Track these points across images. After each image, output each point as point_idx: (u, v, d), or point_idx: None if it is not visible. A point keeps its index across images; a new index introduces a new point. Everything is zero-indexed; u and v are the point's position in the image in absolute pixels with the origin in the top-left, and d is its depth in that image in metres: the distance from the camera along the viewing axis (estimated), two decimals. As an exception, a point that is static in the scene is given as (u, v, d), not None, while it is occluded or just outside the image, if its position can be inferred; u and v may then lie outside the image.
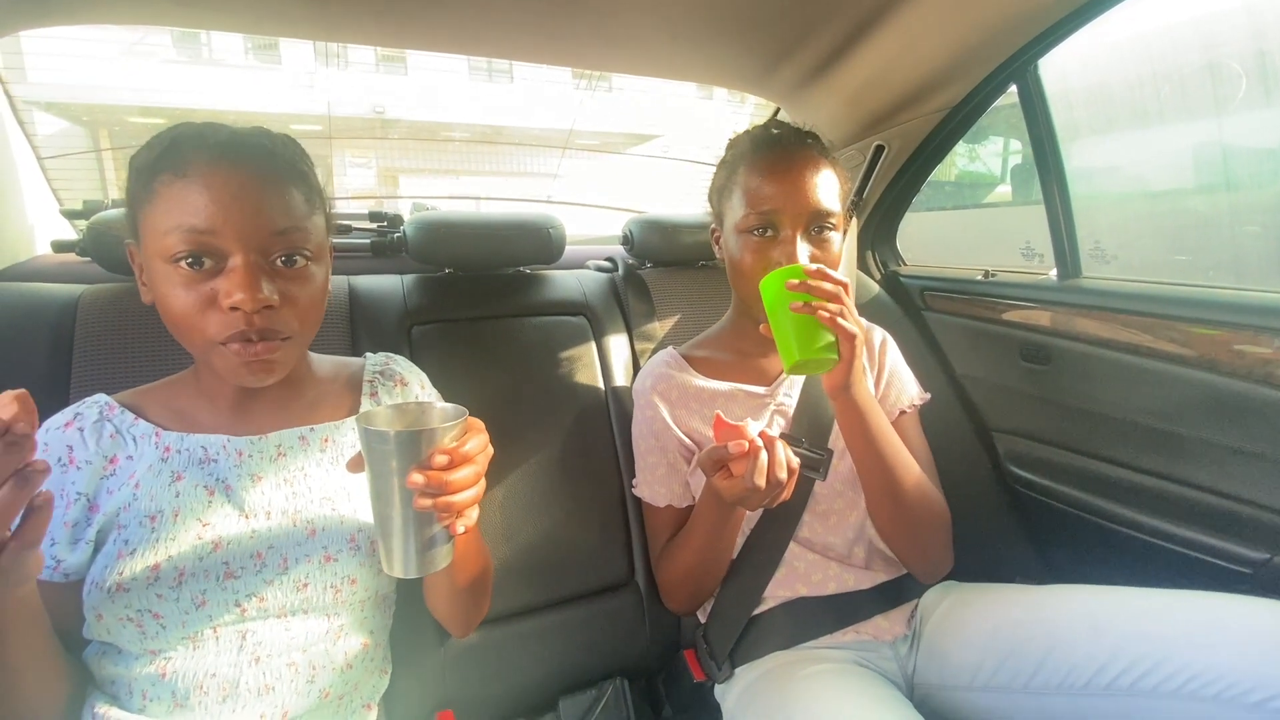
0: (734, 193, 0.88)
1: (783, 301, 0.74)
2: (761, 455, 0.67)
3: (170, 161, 0.58)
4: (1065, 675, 0.74)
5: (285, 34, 1.13)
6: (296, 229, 0.60)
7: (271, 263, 0.60)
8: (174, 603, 0.59)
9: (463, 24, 1.07)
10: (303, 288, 0.62)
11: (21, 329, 0.85)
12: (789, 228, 0.84)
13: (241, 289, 0.56)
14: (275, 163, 0.61)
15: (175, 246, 0.57)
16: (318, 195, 0.66)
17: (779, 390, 0.94)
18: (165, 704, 0.61)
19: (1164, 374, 1.02)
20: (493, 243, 1.14)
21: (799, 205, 0.83)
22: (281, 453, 0.67)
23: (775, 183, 0.84)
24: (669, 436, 0.92)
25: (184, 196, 0.56)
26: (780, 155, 0.86)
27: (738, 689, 0.86)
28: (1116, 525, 1.09)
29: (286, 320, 0.60)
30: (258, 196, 0.58)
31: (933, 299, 1.44)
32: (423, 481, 0.50)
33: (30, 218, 1.15)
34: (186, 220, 0.56)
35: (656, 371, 0.96)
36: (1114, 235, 1.56)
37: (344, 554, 0.66)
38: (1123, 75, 1.71)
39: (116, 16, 1.00)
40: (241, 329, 0.57)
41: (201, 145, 0.58)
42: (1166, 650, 0.68)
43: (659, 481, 0.93)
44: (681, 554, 0.89)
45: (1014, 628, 0.81)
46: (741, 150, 0.90)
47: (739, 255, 0.87)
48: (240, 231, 0.57)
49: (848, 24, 1.10)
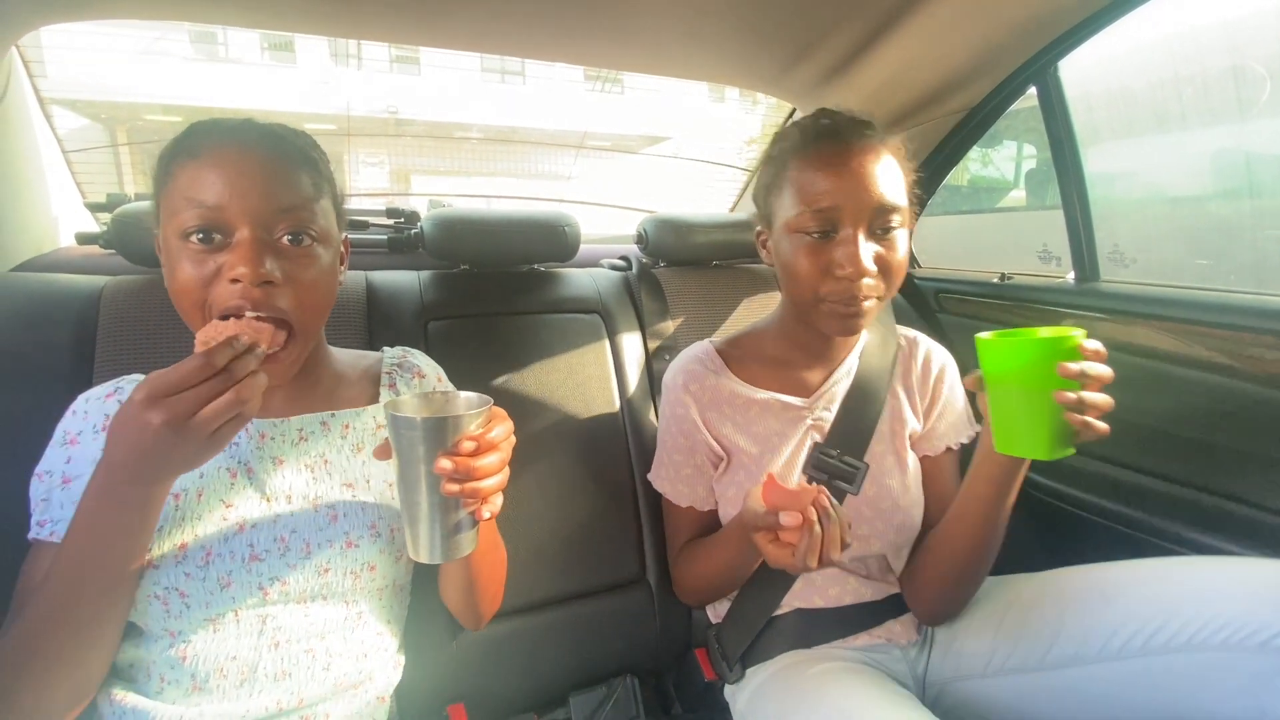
0: (784, 190, 0.80)
1: (1030, 379, 0.61)
2: (815, 529, 0.62)
3: (187, 146, 0.61)
4: (1079, 646, 0.74)
5: (304, 30, 1.13)
6: (302, 208, 0.62)
7: (277, 240, 0.61)
8: (200, 582, 0.60)
9: (481, 22, 1.08)
10: (306, 269, 0.62)
11: (47, 319, 0.86)
12: (850, 226, 0.75)
13: (244, 262, 0.57)
14: (284, 146, 0.63)
15: (187, 222, 0.59)
16: (326, 182, 0.67)
17: (818, 405, 0.89)
18: (183, 687, 0.61)
19: (1184, 379, 1.01)
20: (509, 240, 1.14)
21: (860, 200, 0.75)
22: (303, 436, 0.68)
23: (832, 176, 0.76)
24: (698, 439, 0.88)
25: (197, 175, 0.59)
26: (836, 145, 0.77)
27: (749, 689, 0.85)
28: (1135, 531, 1.07)
29: (286, 298, 0.61)
30: (265, 175, 0.60)
31: (948, 301, 1.43)
32: (450, 467, 0.51)
33: (55, 210, 1.16)
34: (197, 195, 0.58)
35: (690, 369, 0.91)
36: (1133, 239, 1.54)
37: (365, 540, 0.66)
38: (1144, 78, 1.69)
39: (138, 11, 1.01)
40: (239, 303, 0.58)
41: (215, 130, 0.62)
42: (1174, 607, 0.69)
43: (683, 481, 0.91)
44: (703, 567, 0.88)
45: (1024, 609, 0.81)
46: (791, 143, 0.81)
47: (792, 258, 0.79)
48: (246, 207, 0.59)
49: (867, 24, 1.09)
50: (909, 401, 0.91)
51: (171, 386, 0.47)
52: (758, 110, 2.24)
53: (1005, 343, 0.62)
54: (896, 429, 0.89)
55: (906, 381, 0.92)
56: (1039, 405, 0.61)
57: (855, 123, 0.80)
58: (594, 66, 1.32)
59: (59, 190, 1.18)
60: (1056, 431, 0.62)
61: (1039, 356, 0.61)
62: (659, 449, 0.94)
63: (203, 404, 0.48)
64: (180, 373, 0.48)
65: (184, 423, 0.48)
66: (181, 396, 0.47)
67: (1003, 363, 0.63)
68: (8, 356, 0.82)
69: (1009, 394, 0.63)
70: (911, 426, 0.90)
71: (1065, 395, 0.61)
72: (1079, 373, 0.61)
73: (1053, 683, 0.76)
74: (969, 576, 0.84)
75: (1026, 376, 0.61)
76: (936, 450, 0.90)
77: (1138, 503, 1.08)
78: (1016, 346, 0.62)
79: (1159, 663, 0.69)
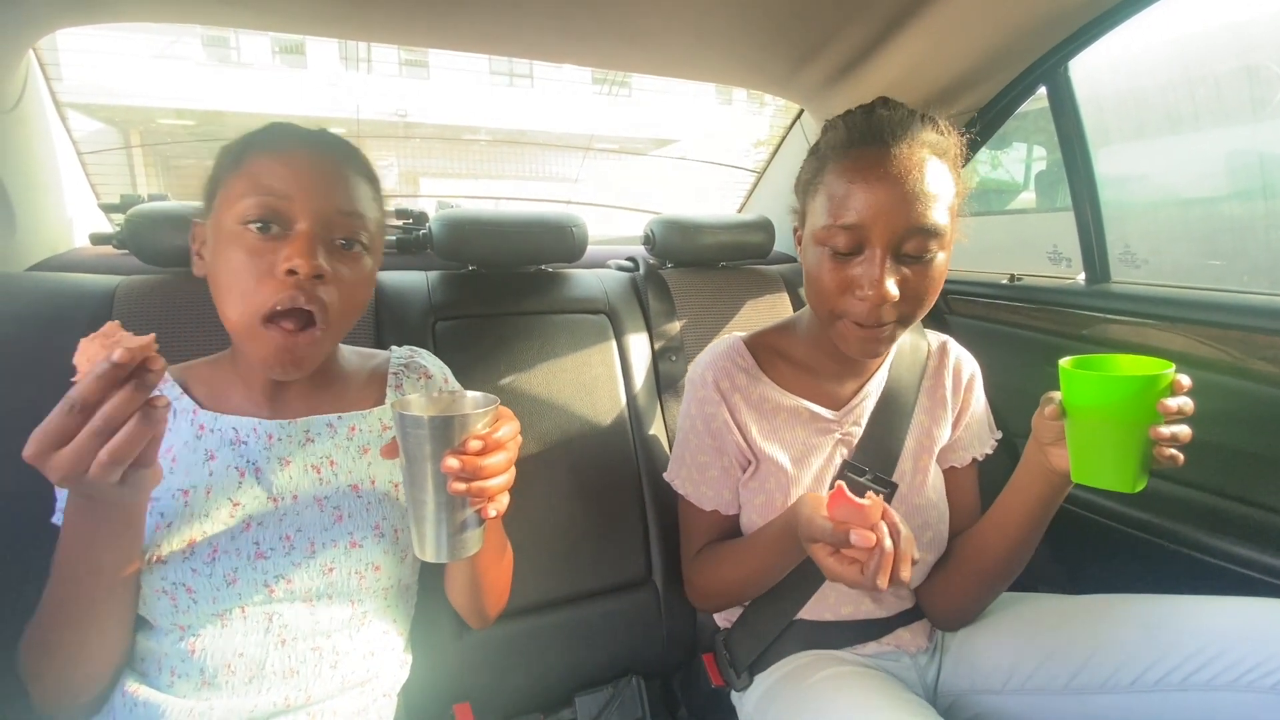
0: (818, 193, 0.74)
1: (1124, 414, 0.59)
2: (887, 545, 0.58)
3: (264, 141, 0.64)
4: (1111, 673, 0.72)
5: (316, 32, 1.15)
6: (359, 215, 0.65)
7: (331, 241, 0.63)
8: (207, 578, 0.61)
9: (490, 24, 1.08)
10: (352, 271, 0.65)
11: (62, 318, 0.87)
12: (876, 246, 0.70)
13: (301, 254, 0.59)
14: (353, 158, 0.68)
15: (250, 210, 0.61)
16: (380, 198, 0.71)
17: (848, 418, 0.85)
18: (193, 682, 0.62)
19: (1197, 381, 0.99)
20: (516, 240, 1.14)
21: (892, 221, 0.69)
22: (310, 438, 0.68)
23: (864, 190, 0.69)
24: (729, 439, 0.84)
25: (270, 167, 0.62)
26: (877, 152, 0.70)
27: (756, 695, 0.85)
28: (1149, 536, 1.06)
29: (331, 296, 0.63)
30: (332, 178, 0.64)
31: (956, 303, 1.42)
32: (457, 466, 0.52)
33: (70, 211, 1.18)
34: (267, 183, 0.61)
35: (721, 365, 0.86)
36: (1145, 239, 1.53)
37: (369, 540, 0.67)
38: (1155, 79, 1.68)
39: (152, 14, 1.02)
40: (292, 293, 0.60)
41: (294, 131, 0.66)
42: (1224, 644, 0.67)
43: (708, 484, 0.86)
44: (728, 571, 0.84)
45: (1052, 631, 0.79)
46: (834, 140, 0.74)
47: (815, 269, 0.75)
48: (311, 203, 0.62)
49: (875, 24, 1.09)
50: (938, 413, 0.88)
51: (50, 441, 0.44)
52: (765, 111, 2.24)
53: (1099, 377, 0.60)
54: (925, 443, 0.86)
55: (937, 391, 0.88)
56: (1130, 439, 0.60)
57: (907, 121, 0.72)
58: (603, 68, 1.33)
59: (73, 191, 1.20)
60: (1142, 464, 0.61)
61: (1137, 392, 0.59)
62: (679, 448, 0.89)
63: (87, 458, 0.45)
64: (50, 426, 0.44)
65: (81, 478, 0.45)
66: (61, 454, 0.44)
67: (1093, 397, 0.60)
68: (25, 354, 0.83)
69: (1096, 427, 0.61)
70: (939, 440, 0.87)
71: (1160, 431, 0.59)
72: (1177, 409, 0.59)
73: (1077, 708, 0.75)
74: (996, 585, 0.82)
75: (1120, 411, 0.60)
76: (962, 462, 0.88)
77: (1149, 507, 1.07)
78: (1113, 383, 0.60)
79: (1199, 700, 0.67)
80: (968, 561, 0.82)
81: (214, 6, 0.99)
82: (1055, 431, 0.67)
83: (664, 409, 1.14)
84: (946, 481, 0.88)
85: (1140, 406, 0.59)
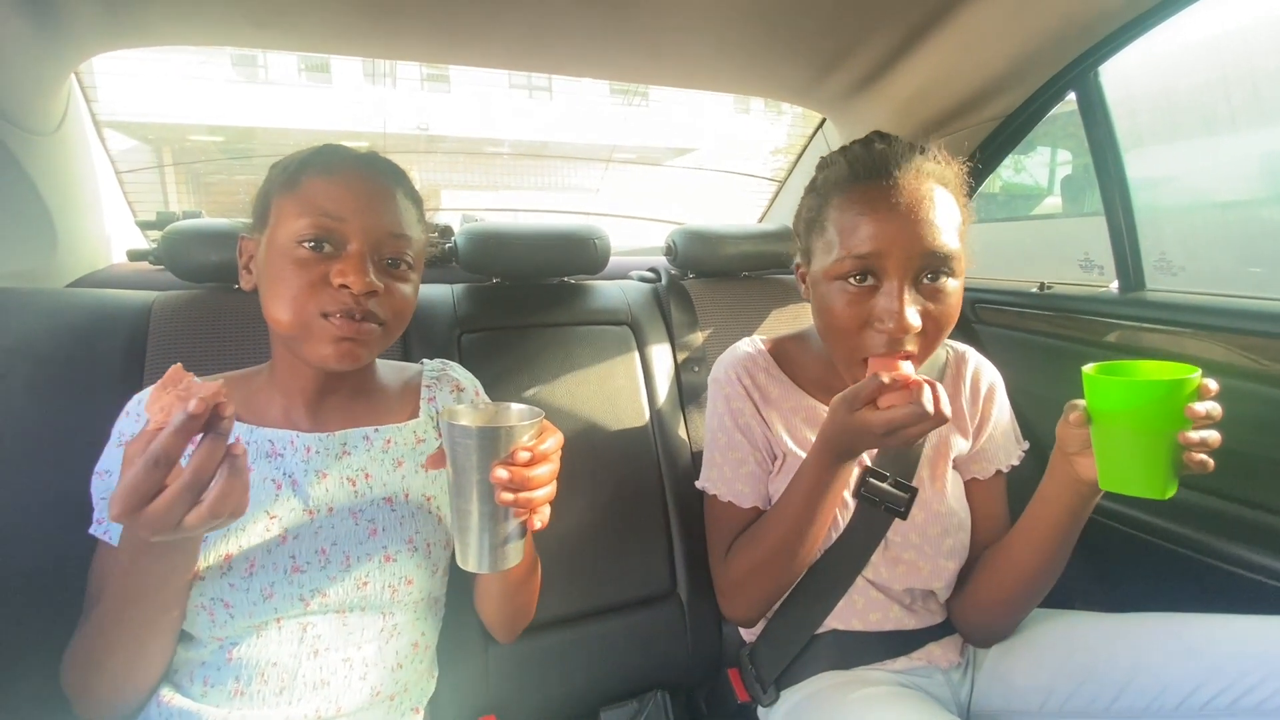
0: (825, 229, 0.74)
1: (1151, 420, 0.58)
2: (926, 388, 0.62)
3: (320, 162, 0.67)
4: (1154, 697, 0.70)
5: (344, 52, 1.17)
6: (406, 237, 0.68)
7: (381, 260, 0.66)
8: (244, 593, 0.62)
9: (513, 40, 1.10)
10: (399, 286, 0.68)
11: (100, 332, 0.90)
12: (894, 277, 0.69)
13: (354, 272, 0.62)
14: (402, 183, 0.71)
15: (306, 230, 0.63)
16: (424, 219, 0.74)
17: None
18: (226, 690, 0.63)
19: (1236, 391, 0.97)
20: (540, 253, 1.15)
21: (907, 248, 0.69)
22: (346, 451, 0.69)
23: (876, 220, 0.69)
24: (759, 433, 0.84)
25: (326, 189, 0.65)
26: (883, 183, 0.70)
27: (784, 712, 0.83)
28: (1188, 551, 1.03)
29: (383, 309, 0.66)
30: (384, 202, 0.67)
31: (984, 311, 1.40)
32: (506, 477, 0.52)
33: (108, 228, 1.21)
34: (323, 205, 0.64)
35: (744, 362, 0.87)
36: (1181, 246, 1.49)
37: (402, 554, 0.67)
38: (1190, 80, 1.64)
39: (189, 39, 1.06)
40: (347, 306, 0.63)
41: (349, 154, 0.69)
42: (1270, 670, 0.64)
43: (744, 480, 0.84)
44: (765, 539, 0.79)
45: (1092, 651, 0.77)
46: (836, 175, 0.75)
47: (830, 303, 0.73)
48: (364, 225, 0.65)
49: (899, 32, 1.08)
50: (956, 422, 0.87)
51: (139, 499, 0.45)
52: (783, 120, 2.23)
53: (1125, 383, 0.59)
54: (942, 450, 0.86)
55: (954, 401, 0.88)
56: (1158, 445, 0.59)
57: (907, 153, 0.73)
58: (624, 82, 1.33)
59: (111, 209, 1.23)
60: (1171, 470, 0.60)
61: (1163, 397, 0.58)
62: (709, 451, 0.88)
63: (179, 510, 0.46)
64: (136, 483, 0.45)
65: (176, 530, 0.46)
66: (153, 511, 0.45)
67: (1120, 402, 0.59)
68: (65, 368, 0.85)
69: (1123, 433, 0.60)
70: (958, 449, 0.87)
71: (1189, 436, 0.58)
72: (1205, 414, 0.58)
73: None
74: (1029, 599, 0.81)
75: (1147, 417, 0.59)
76: (987, 473, 0.87)
77: (1188, 519, 1.04)
78: (1139, 388, 0.59)
79: None
80: (997, 575, 0.81)
81: (247, 30, 1.02)
82: (1081, 440, 0.66)
83: (687, 420, 1.14)
84: (973, 493, 0.87)
85: (1167, 411, 0.58)
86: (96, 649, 0.58)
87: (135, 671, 0.60)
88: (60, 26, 0.87)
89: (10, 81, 0.85)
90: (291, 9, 0.96)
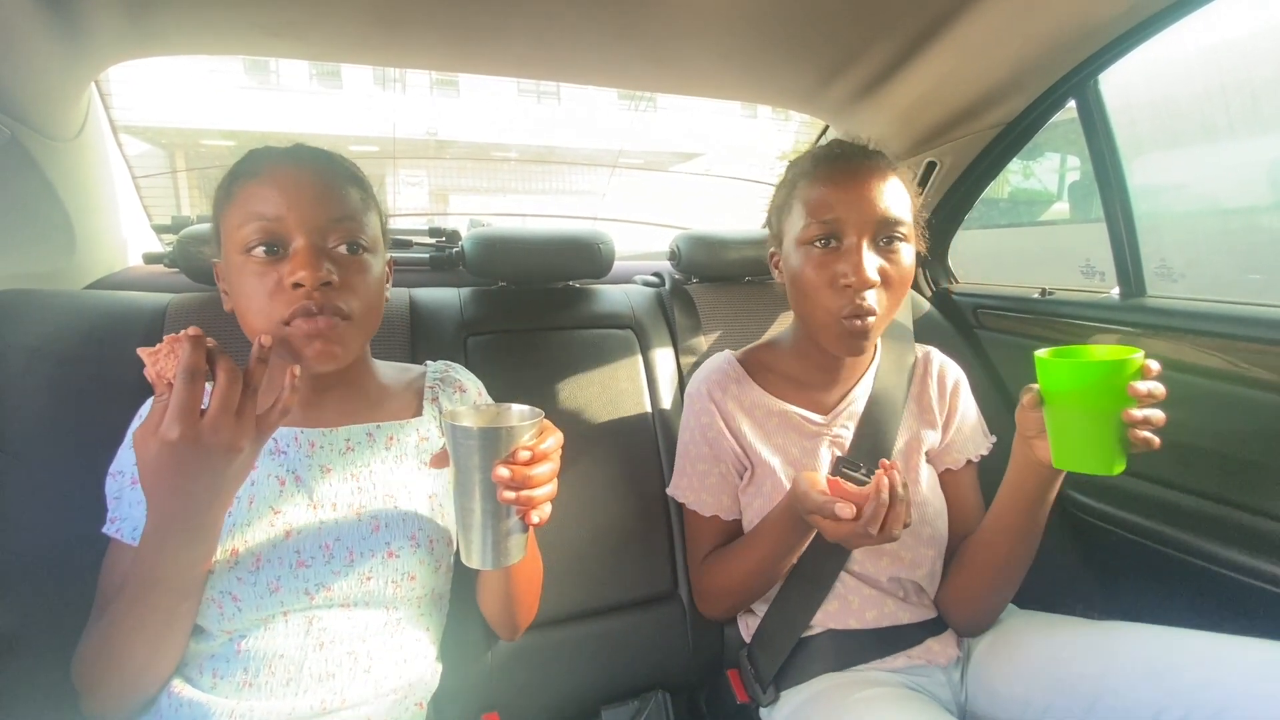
0: (794, 207, 0.84)
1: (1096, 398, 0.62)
2: (884, 496, 0.65)
3: (246, 169, 0.67)
4: (1122, 716, 0.72)
5: (358, 61, 1.19)
6: (352, 219, 0.67)
7: (332, 249, 0.66)
8: (251, 586, 0.63)
9: (522, 49, 1.12)
10: (360, 274, 0.67)
11: (117, 334, 0.92)
12: (854, 236, 0.78)
13: (303, 266, 0.62)
14: (333, 164, 0.69)
15: (249, 237, 0.63)
16: (371, 198, 0.72)
17: (835, 422, 0.90)
18: (235, 682, 0.64)
19: (1236, 397, 0.98)
20: (545, 257, 1.17)
21: (864, 212, 0.78)
22: (350, 447, 0.71)
23: (838, 190, 0.79)
24: (724, 445, 0.90)
25: (256, 192, 0.64)
26: (843, 165, 0.82)
27: (784, 712, 0.84)
28: (1186, 556, 1.03)
29: (346, 299, 0.65)
30: (318, 189, 0.66)
31: (986, 317, 1.41)
32: (508, 475, 0.54)
33: (125, 232, 1.24)
34: (258, 209, 0.63)
35: (713, 377, 0.93)
36: (1181, 252, 1.49)
37: (405, 550, 0.69)
38: (1190, 88, 1.64)
39: (206, 48, 1.08)
40: (304, 303, 0.62)
41: (270, 153, 0.68)
42: (1227, 698, 0.65)
43: (708, 490, 0.91)
44: (735, 566, 0.87)
45: (1065, 665, 0.79)
46: (802, 167, 0.86)
47: (800, 269, 0.82)
48: (303, 217, 0.64)
49: (902, 40, 1.10)
50: (925, 417, 0.94)
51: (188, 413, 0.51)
52: (790, 126, 2.24)
53: (1071, 364, 0.63)
54: (914, 445, 0.91)
55: (923, 398, 0.95)
56: (1104, 423, 0.63)
57: (862, 148, 0.84)
58: (630, 89, 1.35)
59: (128, 213, 1.26)
60: (1118, 448, 0.64)
61: (1106, 377, 0.62)
62: (680, 459, 0.95)
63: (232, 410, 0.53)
64: (180, 400, 0.51)
65: (238, 438, 0.53)
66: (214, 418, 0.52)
67: (1067, 383, 0.63)
68: (83, 369, 0.88)
69: (1072, 413, 0.64)
70: (929, 442, 0.92)
71: (1133, 414, 0.62)
72: (1147, 393, 0.62)
73: None
74: (1008, 583, 0.84)
75: (1093, 396, 0.62)
76: (958, 464, 0.92)
77: (1186, 524, 1.04)
78: (1084, 368, 0.63)
79: None
80: (975, 561, 0.86)
81: (261, 40, 1.04)
82: (1037, 423, 0.71)
83: (689, 423, 1.15)
84: (948, 484, 0.92)
85: (1111, 390, 0.62)
86: (113, 644, 0.60)
87: (152, 664, 0.62)
88: (83, 37, 0.90)
89: (35, 91, 0.88)
90: (304, 20, 0.98)
